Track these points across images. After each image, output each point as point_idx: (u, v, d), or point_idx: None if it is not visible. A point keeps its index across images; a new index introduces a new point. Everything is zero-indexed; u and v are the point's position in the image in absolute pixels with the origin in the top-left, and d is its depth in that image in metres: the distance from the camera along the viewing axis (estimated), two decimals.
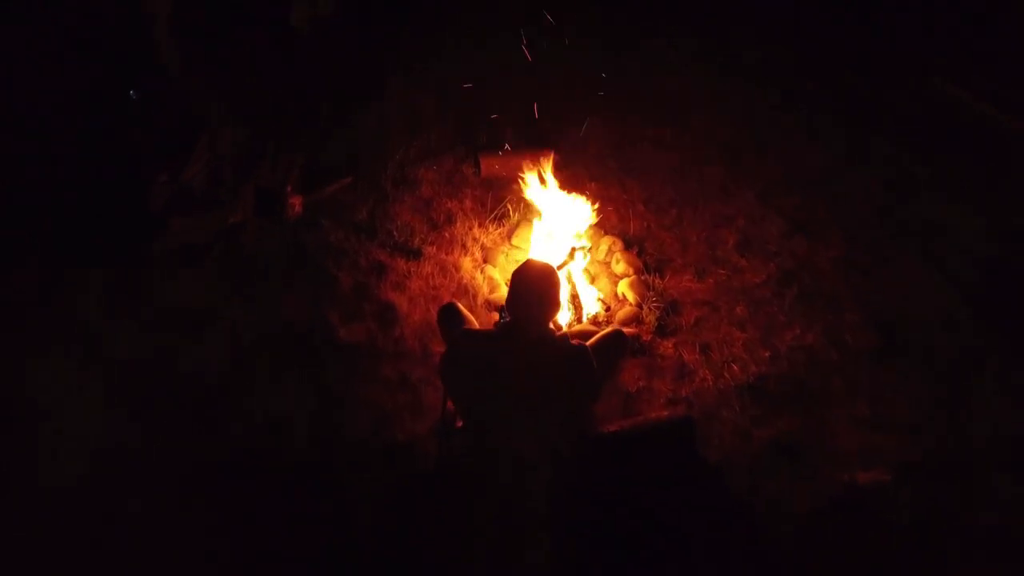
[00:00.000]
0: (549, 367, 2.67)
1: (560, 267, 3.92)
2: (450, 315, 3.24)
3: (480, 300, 3.97)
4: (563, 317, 3.91)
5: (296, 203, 4.44)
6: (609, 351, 3.17)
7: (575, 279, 3.98)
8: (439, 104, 5.19)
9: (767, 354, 3.67)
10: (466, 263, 4.15)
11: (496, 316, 3.88)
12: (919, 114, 4.94)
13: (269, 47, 4.68)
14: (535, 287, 2.64)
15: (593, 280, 4.18)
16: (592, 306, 4.00)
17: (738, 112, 5.12)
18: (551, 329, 2.75)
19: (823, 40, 5.49)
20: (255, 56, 4.73)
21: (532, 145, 4.88)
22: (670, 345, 3.76)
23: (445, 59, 5.35)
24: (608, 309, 4.00)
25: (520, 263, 2.78)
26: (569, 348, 2.73)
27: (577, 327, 3.79)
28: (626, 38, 5.55)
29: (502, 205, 4.46)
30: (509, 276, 4.22)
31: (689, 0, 5.78)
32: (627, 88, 5.33)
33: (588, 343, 3.12)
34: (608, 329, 3.26)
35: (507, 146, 4.81)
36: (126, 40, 4.79)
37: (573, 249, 3.95)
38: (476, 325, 3.23)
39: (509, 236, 4.39)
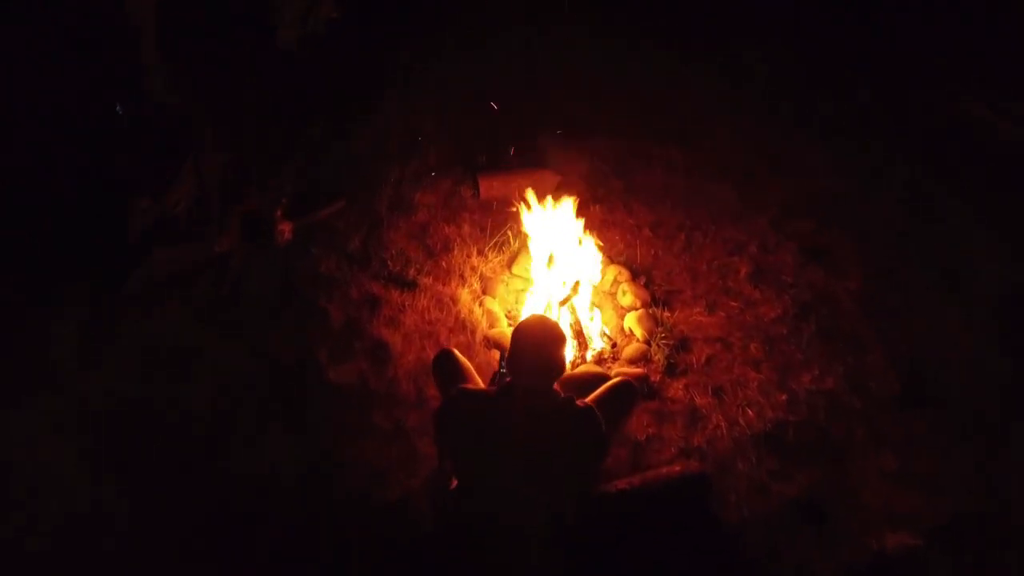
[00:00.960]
0: (553, 431, 2.42)
1: (564, 302, 3.63)
2: (446, 364, 2.95)
3: (479, 336, 3.67)
4: (567, 354, 3.61)
5: (286, 229, 4.13)
6: (616, 405, 2.87)
7: (579, 313, 3.68)
8: (437, 120, 4.88)
9: (784, 398, 3.37)
10: (464, 295, 3.85)
11: (496, 354, 3.59)
12: (941, 133, 4.61)
13: (259, 65, 4.36)
14: (538, 347, 2.36)
15: (598, 309, 3.88)
16: (597, 341, 3.71)
17: (749, 130, 4.80)
18: (555, 390, 2.46)
19: (838, 56, 5.15)
20: (244, 74, 4.41)
21: (533, 164, 4.61)
22: (680, 387, 3.46)
23: (443, 73, 5.03)
24: (614, 345, 3.71)
25: (522, 319, 2.48)
26: (574, 410, 2.46)
27: (581, 368, 3.50)
28: (632, 52, 5.21)
29: (502, 232, 4.16)
30: (509, 308, 3.98)
31: (699, 13, 5.41)
32: (633, 103, 5.01)
33: (594, 396, 2.87)
34: (615, 380, 2.96)
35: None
36: (112, 52, 4.48)
37: (577, 282, 3.65)
38: (475, 375, 2.94)
39: (509, 265, 4.08)
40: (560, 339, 2.38)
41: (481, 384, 2.97)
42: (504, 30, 5.22)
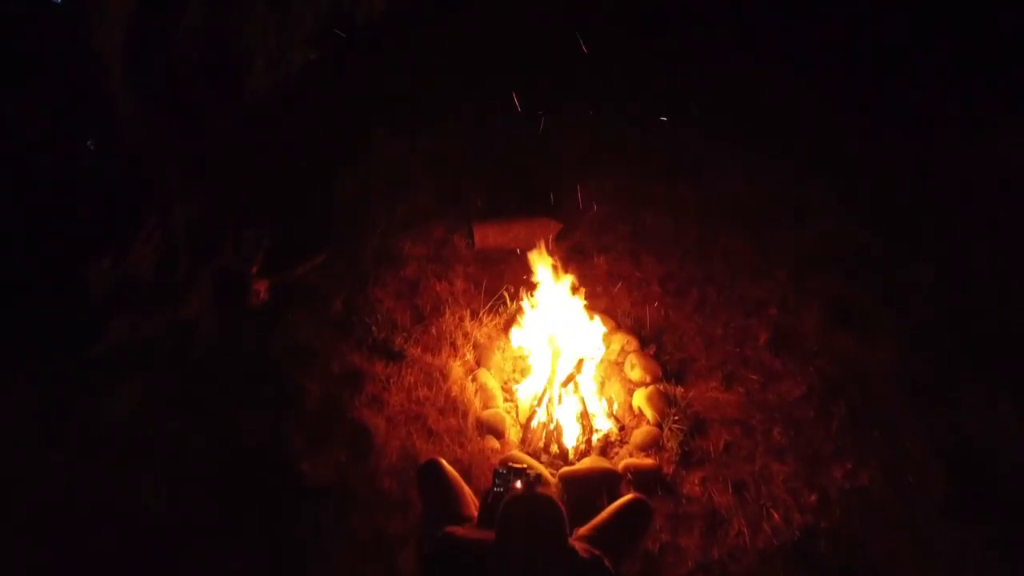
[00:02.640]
0: None
1: (566, 382, 3.13)
2: (432, 479, 2.47)
3: (471, 419, 3.17)
4: (569, 439, 3.13)
5: (261, 289, 3.64)
6: (627, 530, 2.40)
7: (583, 393, 3.18)
8: (428, 159, 4.35)
9: (814, 498, 2.87)
10: (455, 369, 3.35)
11: (491, 442, 3.10)
12: (979, 182, 4.05)
13: (232, 108, 3.84)
14: (531, 546, 1.85)
15: (603, 384, 3.39)
16: (603, 421, 3.22)
17: (767, 173, 4.25)
18: None
19: (864, 92, 4.58)
20: (216, 117, 3.89)
21: (533, 211, 4.09)
22: (697, 481, 2.97)
23: (435, 109, 4.48)
24: (622, 428, 3.22)
25: (508, 503, 1.91)
26: (579, 562, 1.97)
27: (586, 462, 3.00)
28: (640, 86, 4.65)
29: (498, 295, 3.64)
30: (506, 378, 3.48)
31: (712, 45, 4.83)
32: (641, 142, 4.47)
33: (601, 519, 2.40)
34: (625, 499, 2.47)
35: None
36: (78, 88, 3.98)
37: (580, 360, 3.15)
38: (465, 493, 2.47)
39: (506, 329, 3.58)
40: (558, 529, 1.87)
41: (473, 500, 2.49)
42: (501, 62, 4.66)
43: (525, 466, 2.34)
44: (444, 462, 2.51)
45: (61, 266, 3.41)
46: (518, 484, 2.29)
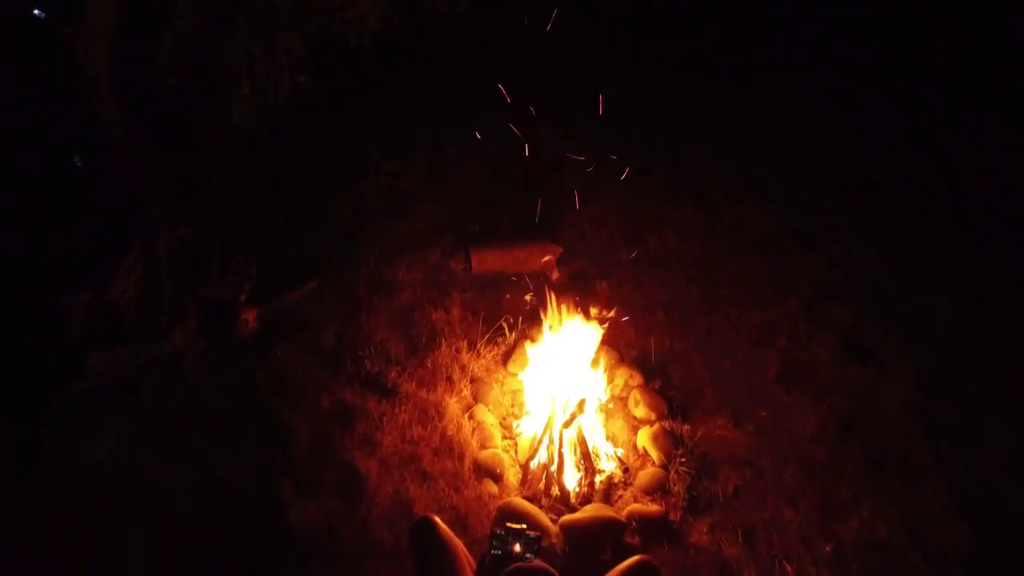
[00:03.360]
0: None
1: (567, 423, 2.96)
2: (425, 541, 2.26)
3: (467, 461, 3.00)
4: (570, 481, 2.96)
5: (250, 318, 3.47)
6: None
7: (586, 434, 3.01)
8: (425, 181, 4.17)
9: (828, 550, 2.69)
10: (451, 406, 3.18)
11: (488, 486, 2.92)
12: (1000, 202, 3.87)
13: (220, 128, 3.65)
14: None
15: (607, 419, 3.22)
16: (605, 462, 3.05)
17: (776, 194, 4.07)
18: None
19: (876, 110, 4.40)
20: (204, 139, 3.71)
21: (532, 234, 3.92)
22: (705, 528, 2.79)
23: (432, 130, 4.30)
24: (626, 470, 3.04)
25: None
26: None
27: (588, 510, 2.82)
28: (643, 102, 4.47)
29: (497, 325, 3.47)
30: (504, 414, 3.30)
31: (717, 58, 4.65)
32: (645, 162, 4.29)
33: None
34: (631, 561, 2.29)
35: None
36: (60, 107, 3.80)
37: (582, 400, 2.97)
38: (460, 555, 2.28)
39: (505, 361, 3.41)
40: None
41: (468, 560, 2.31)
42: (500, 79, 4.48)
43: (524, 527, 2.19)
44: (438, 520, 2.32)
45: (39, 297, 3.23)
46: (517, 547, 2.16)
